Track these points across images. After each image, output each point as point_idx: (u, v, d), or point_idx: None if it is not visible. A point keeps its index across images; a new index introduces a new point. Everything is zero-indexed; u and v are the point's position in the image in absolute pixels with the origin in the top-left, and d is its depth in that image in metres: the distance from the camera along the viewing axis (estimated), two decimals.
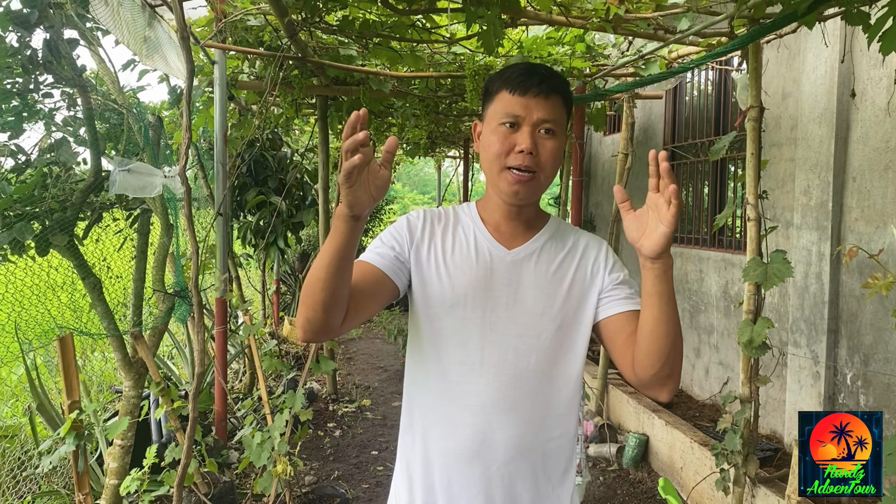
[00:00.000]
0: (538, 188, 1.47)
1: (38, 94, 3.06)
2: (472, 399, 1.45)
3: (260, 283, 8.15)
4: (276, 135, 6.99)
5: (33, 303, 3.54)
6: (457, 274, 1.49)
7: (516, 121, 1.42)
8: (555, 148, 1.44)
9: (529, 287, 1.49)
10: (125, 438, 3.19)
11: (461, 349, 1.47)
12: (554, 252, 1.53)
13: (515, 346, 1.46)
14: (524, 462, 1.47)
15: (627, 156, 4.82)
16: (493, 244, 1.52)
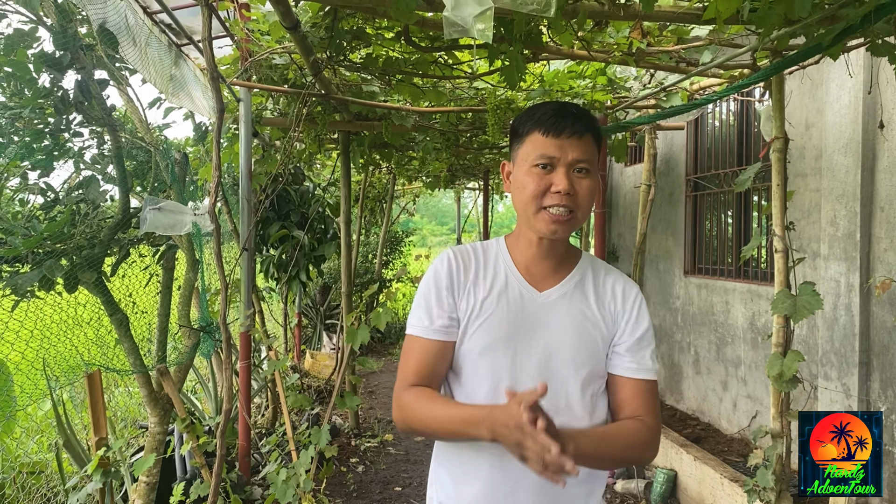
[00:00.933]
0: (575, 226, 1.49)
1: (68, 134, 3.12)
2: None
3: (282, 316, 8.18)
4: (299, 169, 7.06)
5: (60, 339, 3.57)
6: (489, 319, 1.49)
7: (551, 162, 1.44)
8: (590, 186, 1.46)
9: (558, 331, 1.49)
10: (151, 475, 3.19)
11: (492, 393, 1.46)
12: (584, 294, 1.54)
13: (551, 392, 1.42)
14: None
15: (650, 187, 4.80)
16: (524, 286, 1.53)
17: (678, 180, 6.20)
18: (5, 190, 3.24)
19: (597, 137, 1.49)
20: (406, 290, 12.54)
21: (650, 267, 6.67)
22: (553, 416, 1.35)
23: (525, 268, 1.55)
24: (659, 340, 6.61)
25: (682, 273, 6.14)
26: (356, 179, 8.68)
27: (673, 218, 6.29)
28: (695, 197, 6.02)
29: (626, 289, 1.57)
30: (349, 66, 3.68)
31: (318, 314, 9.52)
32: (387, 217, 9.53)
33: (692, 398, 5.98)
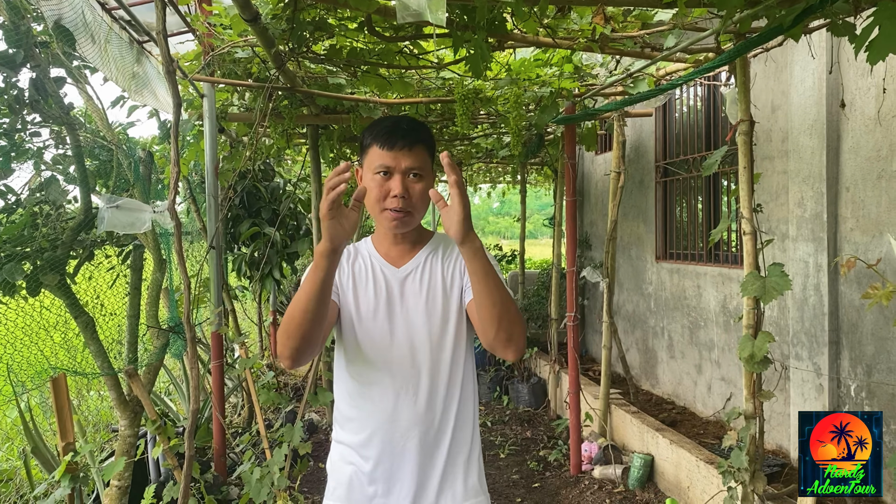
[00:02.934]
0: (412, 222, 1.77)
1: (26, 134, 3.04)
2: (377, 390, 1.75)
3: (256, 314, 8.10)
4: (269, 165, 6.98)
5: (26, 343, 3.50)
6: (362, 293, 1.78)
7: (388, 170, 1.69)
8: (423, 189, 1.72)
9: (415, 296, 1.78)
10: (122, 479, 3.13)
11: (372, 352, 1.75)
12: (434, 262, 1.82)
13: (410, 338, 1.75)
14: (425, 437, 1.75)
15: (620, 174, 4.82)
16: (384, 265, 1.82)
17: (648, 167, 6.23)
18: None
19: (430, 146, 1.77)
20: None
21: (622, 253, 6.70)
22: (421, 367, 1.75)
23: (385, 252, 1.84)
24: (632, 326, 6.65)
25: (653, 259, 6.18)
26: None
27: (644, 204, 6.32)
28: (665, 183, 6.05)
29: (452, 244, 1.84)
30: (313, 57, 3.63)
31: None
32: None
33: (667, 382, 6.03)
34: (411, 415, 1.74)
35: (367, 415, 1.77)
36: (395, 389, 1.74)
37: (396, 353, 1.75)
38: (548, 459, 5.07)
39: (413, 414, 1.74)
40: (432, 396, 1.75)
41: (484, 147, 6.57)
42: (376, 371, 1.75)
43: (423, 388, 1.74)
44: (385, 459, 1.75)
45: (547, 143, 6.15)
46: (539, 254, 19.72)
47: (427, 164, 1.74)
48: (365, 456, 1.76)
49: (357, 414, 1.79)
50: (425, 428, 1.75)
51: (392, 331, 1.76)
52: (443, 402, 1.77)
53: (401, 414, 1.74)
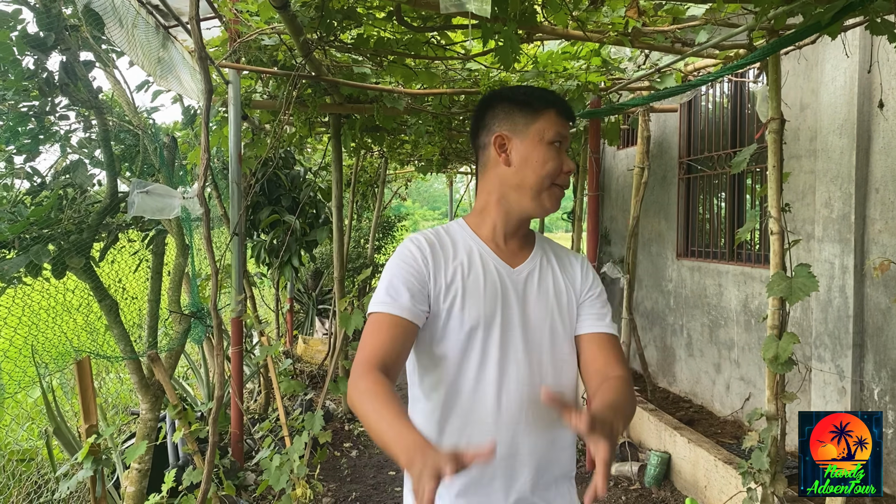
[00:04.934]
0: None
1: (54, 117, 3.05)
2: (491, 415, 1.48)
3: (274, 301, 8.14)
4: (289, 153, 6.99)
5: (49, 325, 3.53)
6: (470, 297, 1.49)
7: (563, 142, 1.50)
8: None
9: (534, 303, 1.54)
10: (142, 462, 3.16)
11: (481, 367, 1.48)
12: (550, 267, 1.61)
13: (529, 360, 1.50)
14: (540, 466, 1.55)
15: (644, 170, 4.77)
16: (499, 263, 1.55)
17: (671, 163, 6.17)
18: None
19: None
20: None
21: (642, 250, 6.66)
22: (529, 384, 1.49)
23: (496, 245, 1.58)
24: (651, 323, 6.61)
25: (674, 256, 6.13)
26: (348, 164, 8.62)
27: (665, 201, 6.27)
28: (688, 179, 6.00)
29: (575, 256, 1.67)
30: (340, 46, 3.62)
31: (311, 299, 9.49)
32: (379, 201, 9.48)
33: (685, 381, 5.99)
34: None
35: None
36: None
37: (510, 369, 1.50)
38: None
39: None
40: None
41: None
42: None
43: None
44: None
45: None
46: None
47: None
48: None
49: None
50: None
51: (502, 345, 1.50)
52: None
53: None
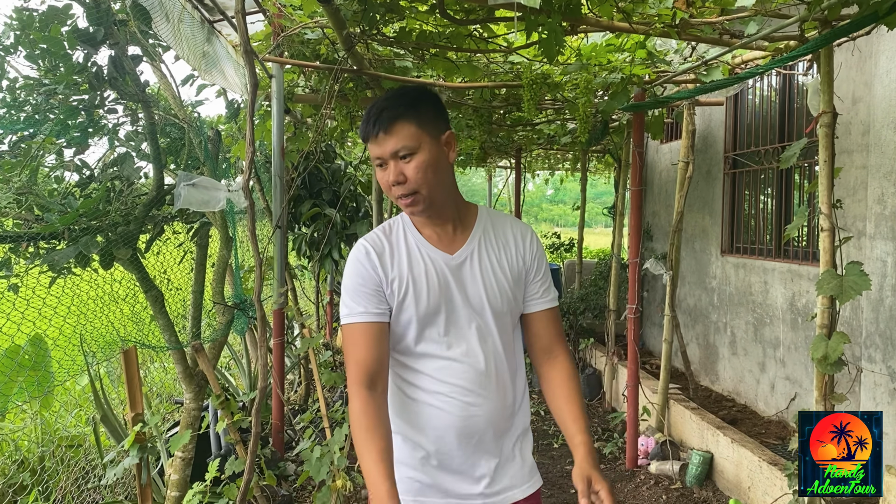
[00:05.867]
0: (428, 201, 1.66)
1: (102, 110, 3.11)
2: (446, 388, 1.70)
3: (314, 294, 8.21)
4: (330, 147, 7.04)
5: (97, 315, 3.60)
6: (417, 289, 1.68)
7: (382, 160, 1.63)
8: (418, 164, 1.61)
9: (475, 286, 1.72)
10: (186, 451, 3.21)
11: (436, 349, 1.70)
12: (487, 247, 1.76)
13: (478, 338, 1.71)
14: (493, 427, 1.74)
15: (688, 164, 4.69)
16: (437, 253, 1.72)
17: (716, 157, 6.06)
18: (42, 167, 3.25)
19: (414, 114, 1.62)
20: None
21: (686, 246, 6.55)
22: (486, 360, 1.71)
23: (430, 236, 1.74)
24: (693, 320, 6.50)
25: (718, 252, 6.02)
26: None
27: (710, 196, 6.16)
28: (733, 174, 5.88)
29: (522, 231, 1.80)
30: (382, 40, 3.62)
31: None
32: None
33: (728, 379, 5.89)
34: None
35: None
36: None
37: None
38: (602, 452, 5.01)
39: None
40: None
41: (546, 133, 6.48)
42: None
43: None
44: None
45: (611, 131, 6.04)
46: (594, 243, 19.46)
47: (413, 137, 1.61)
48: None
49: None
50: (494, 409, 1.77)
51: (449, 327, 1.71)
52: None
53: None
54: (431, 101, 1.70)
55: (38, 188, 2.99)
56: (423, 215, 1.70)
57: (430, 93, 1.73)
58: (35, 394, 3.98)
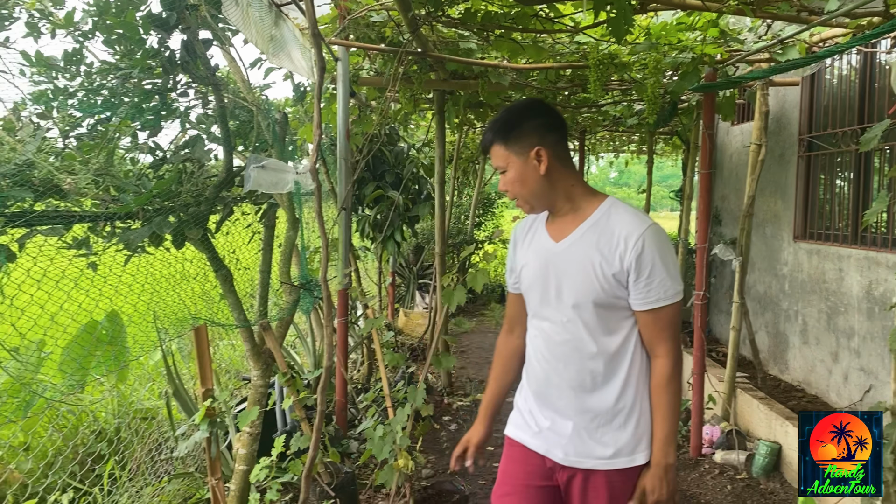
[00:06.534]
0: (527, 204, 1.99)
1: (175, 94, 3.19)
2: (535, 356, 2.06)
3: (377, 275, 8.30)
4: (394, 130, 7.07)
5: (169, 293, 3.72)
6: (527, 267, 2.04)
7: (497, 169, 1.99)
8: (511, 178, 1.95)
9: (565, 272, 1.93)
10: (253, 426, 3.30)
11: (532, 322, 2.07)
12: (589, 243, 1.90)
13: (562, 320, 1.94)
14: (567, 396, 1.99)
15: (761, 146, 4.53)
16: (546, 239, 2.00)
17: (790, 140, 5.84)
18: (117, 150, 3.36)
19: (504, 138, 1.93)
20: (501, 252, 12.48)
21: (756, 231, 6.36)
22: (561, 336, 1.95)
23: (551, 225, 2.02)
24: (763, 308, 6.32)
25: (791, 238, 5.82)
26: (450, 140, 8.63)
27: (783, 180, 5.95)
28: (808, 157, 5.66)
29: (629, 232, 1.86)
30: (447, 21, 3.60)
31: (412, 274, 9.62)
32: (479, 178, 9.46)
33: (798, 369, 5.71)
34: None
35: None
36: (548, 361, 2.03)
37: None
38: None
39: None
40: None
41: (612, 115, 6.37)
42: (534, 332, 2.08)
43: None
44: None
45: (680, 112, 5.89)
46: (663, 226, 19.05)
47: (502, 158, 1.94)
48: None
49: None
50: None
51: (542, 303, 1.99)
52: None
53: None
54: (527, 122, 1.93)
55: (115, 170, 3.09)
56: (531, 213, 2.04)
57: (531, 110, 1.97)
58: (112, 367, 4.14)
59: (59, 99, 3.01)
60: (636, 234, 1.85)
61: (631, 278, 1.85)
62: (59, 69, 2.89)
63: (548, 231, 2.00)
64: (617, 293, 1.87)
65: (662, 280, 1.85)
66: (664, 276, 1.85)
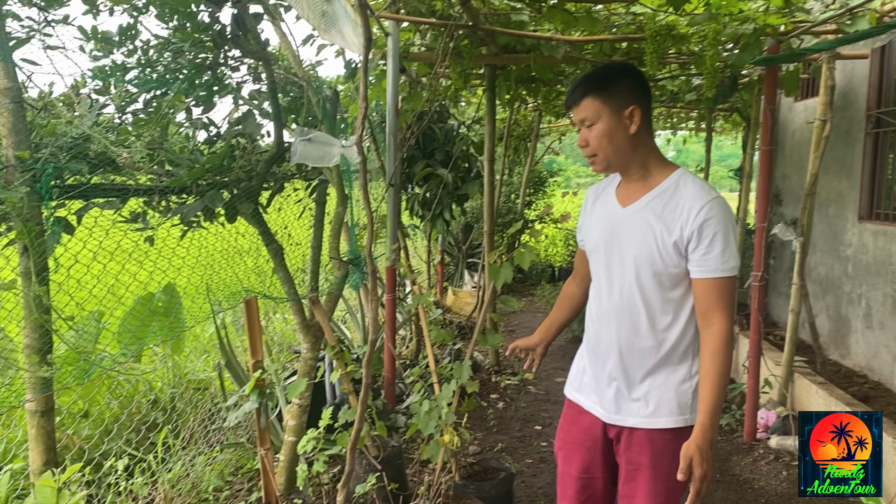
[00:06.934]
0: (604, 163, 2.01)
1: (226, 69, 3.21)
2: (593, 313, 2.16)
3: (425, 253, 8.31)
4: (444, 107, 7.02)
5: (223, 267, 3.78)
6: (592, 230, 2.15)
7: (578, 124, 2.02)
8: (599, 132, 1.96)
9: (627, 238, 2.01)
10: (303, 398, 3.34)
11: (593, 281, 2.16)
12: (652, 210, 1.97)
13: (620, 281, 2.02)
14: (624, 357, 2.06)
15: (825, 123, 4.35)
16: (614, 203, 2.08)
17: (857, 116, 5.59)
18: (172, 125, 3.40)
19: (599, 92, 1.95)
20: (549, 231, 12.35)
21: (819, 211, 6.13)
22: (616, 299, 2.04)
23: (621, 190, 2.09)
24: (824, 291, 6.11)
25: (855, 218, 5.60)
26: (501, 117, 8.54)
27: (848, 158, 5.71)
28: (876, 134, 5.41)
29: (693, 202, 1.91)
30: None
31: (460, 252, 9.60)
32: (531, 156, 9.34)
33: (860, 354, 5.51)
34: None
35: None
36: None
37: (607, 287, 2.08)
38: (720, 423, 4.83)
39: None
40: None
41: (669, 90, 6.19)
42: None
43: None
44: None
45: (740, 87, 5.69)
46: None
47: (595, 111, 1.95)
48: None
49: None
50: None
51: (606, 265, 2.07)
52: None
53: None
54: (624, 80, 1.97)
55: (168, 144, 3.13)
56: (604, 173, 2.08)
57: (628, 71, 2.01)
58: (166, 337, 4.24)
59: (116, 75, 3.06)
60: (700, 203, 1.89)
61: (691, 246, 1.90)
62: (115, 44, 2.93)
63: (616, 196, 2.07)
64: (676, 262, 1.93)
65: (722, 251, 1.88)
66: (724, 247, 1.89)
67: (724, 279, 1.90)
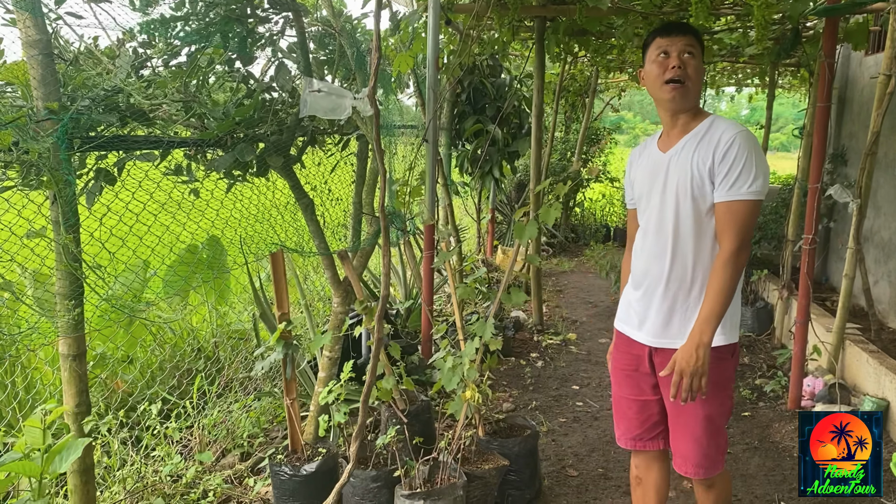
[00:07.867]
0: (688, 94, 2.15)
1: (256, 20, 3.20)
2: (640, 250, 2.36)
3: (475, 211, 8.26)
4: (496, 61, 6.87)
5: (259, 220, 3.84)
6: (640, 178, 2.35)
7: (667, 52, 2.13)
8: (697, 64, 2.13)
9: (671, 179, 2.19)
10: (333, 351, 3.38)
11: (643, 223, 2.33)
12: (690, 149, 2.15)
13: (663, 219, 2.22)
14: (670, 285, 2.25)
15: (890, 78, 4.08)
16: (656, 151, 2.29)
17: None
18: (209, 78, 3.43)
19: (697, 38, 2.17)
20: (604, 190, 12.10)
21: (884, 172, 5.81)
22: (660, 232, 2.24)
23: (662, 138, 2.29)
24: (886, 256, 5.82)
25: None
26: (555, 72, 8.33)
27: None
28: None
29: (723, 133, 2.09)
30: None
31: (513, 211, 9.51)
32: (588, 112, 9.11)
33: None
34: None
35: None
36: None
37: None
38: (763, 389, 4.70)
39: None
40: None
41: (728, 43, 5.91)
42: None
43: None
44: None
45: (804, 41, 5.39)
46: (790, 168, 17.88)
47: (697, 47, 2.14)
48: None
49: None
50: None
51: (649, 208, 2.27)
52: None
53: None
54: (702, 40, 2.23)
55: (202, 97, 3.15)
56: (682, 100, 2.14)
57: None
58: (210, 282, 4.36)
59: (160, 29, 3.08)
60: (729, 133, 2.08)
61: (717, 169, 2.07)
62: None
63: (658, 146, 2.29)
64: (711, 190, 2.10)
65: (744, 172, 2.04)
66: (746, 169, 2.04)
67: (740, 202, 2.05)
